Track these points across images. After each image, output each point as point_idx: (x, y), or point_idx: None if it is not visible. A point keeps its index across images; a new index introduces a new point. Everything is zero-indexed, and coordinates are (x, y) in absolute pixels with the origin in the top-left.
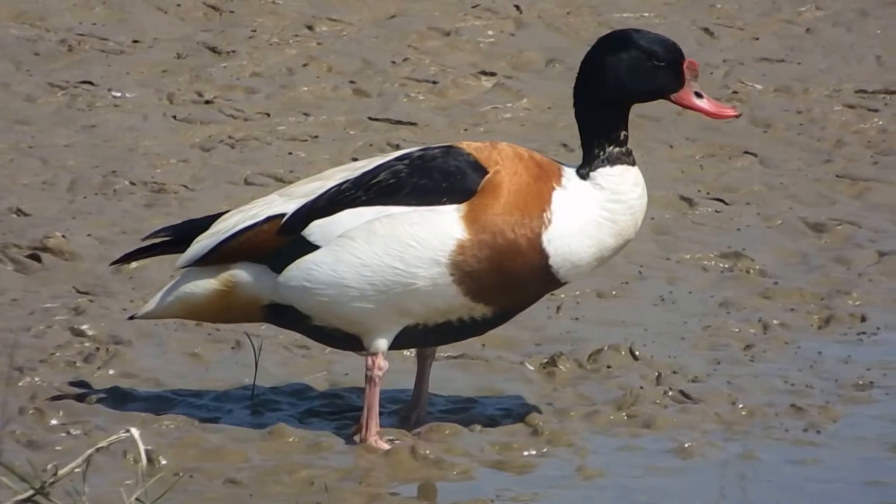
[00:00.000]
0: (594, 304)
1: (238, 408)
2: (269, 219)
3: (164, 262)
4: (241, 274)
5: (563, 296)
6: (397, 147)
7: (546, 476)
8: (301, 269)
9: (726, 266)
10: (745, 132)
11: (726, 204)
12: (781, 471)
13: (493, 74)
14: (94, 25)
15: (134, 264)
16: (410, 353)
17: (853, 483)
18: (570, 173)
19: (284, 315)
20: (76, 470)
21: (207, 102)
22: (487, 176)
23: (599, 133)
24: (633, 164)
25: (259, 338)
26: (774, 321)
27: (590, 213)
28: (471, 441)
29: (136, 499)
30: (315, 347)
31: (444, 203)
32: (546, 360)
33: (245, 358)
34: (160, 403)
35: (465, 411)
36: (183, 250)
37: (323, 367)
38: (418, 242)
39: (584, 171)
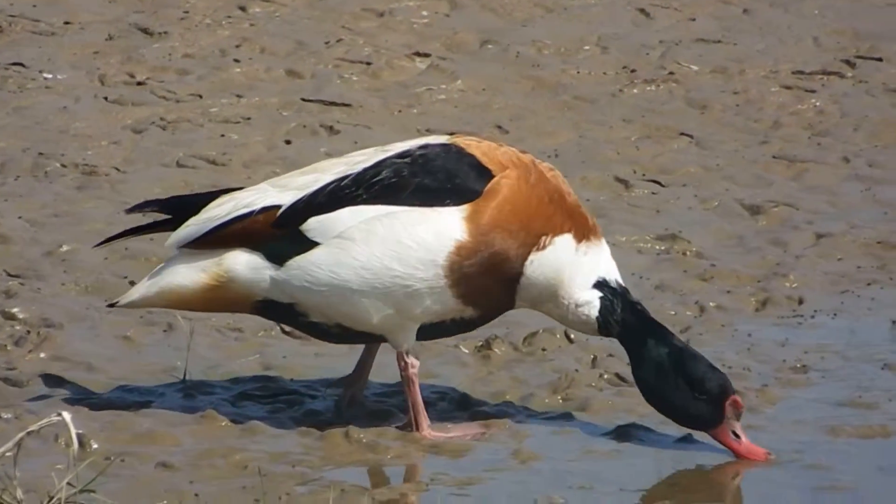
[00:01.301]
0: None
1: (170, 391)
2: (265, 209)
3: (100, 249)
4: (235, 268)
5: None
6: (331, 129)
7: (481, 459)
8: (301, 269)
9: (662, 248)
10: (681, 113)
11: (662, 186)
12: (717, 454)
13: (427, 56)
14: (25, 7)
15: (64, 247)
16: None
17: (790, 466)
18: (598, 249)
19: (279, 311)
20: (7, 454)
21: (139, 84)
22: (493, 179)
23: (625, 340)
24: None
25: (191, 321)
26: (711, 304)
27: (566, 289)
28: (406, 425)
29: (68, 483)
30: (248, 330)
31: (447, 205)
32: (481, 344)
33: (177, 341)
34: (92, 387)
35: (400, 395)
36: (170, 229)
37: (256, 350)
38: (417, 243)
39: (602, 286)
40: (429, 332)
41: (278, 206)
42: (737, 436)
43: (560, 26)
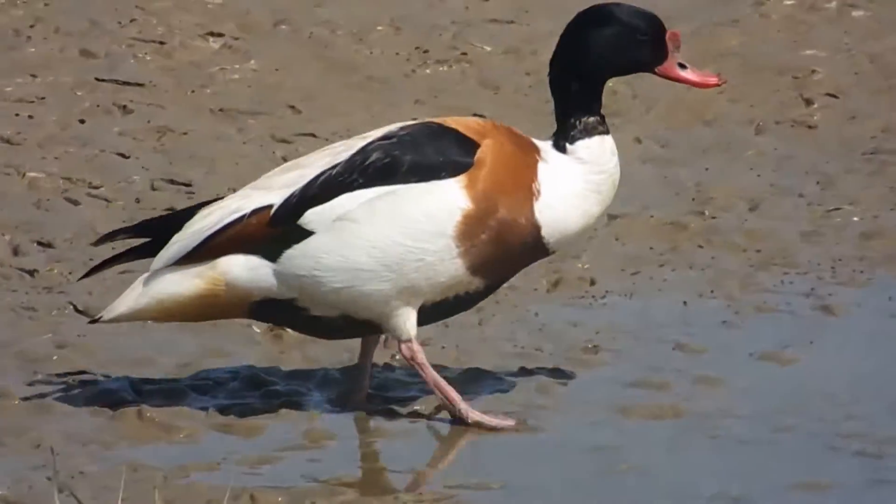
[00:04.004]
0: None
1: None
2: (256, 211)
3: None
4: (232, 270)
5: None
6: (124, 108)
7: (274, 439)
8: (308, 258)
9: None
10: (474, 94)
11: None
12: (510, 435)
13: (220, 35)
14: None
15: None
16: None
17: (581, 447)
18: (546, 147)
19: (278, 309)
20: None
21: None
22: (480, 148)
23: (577, 106)
24: (607, 132)
25: None
26: (503, 284)
27: (573, 185)
28: (198, 404)
29: None
30: (42, 309)
31: (444, 177)
32: None
33: None
34: None
35: (192, 374)
36: (152, 253)
37: (50, 329)
38: (425, 216)
39: (561, 144)
40: (431, 313)
41: (270, 206)
42: (683, 66)
43: (353, 7)
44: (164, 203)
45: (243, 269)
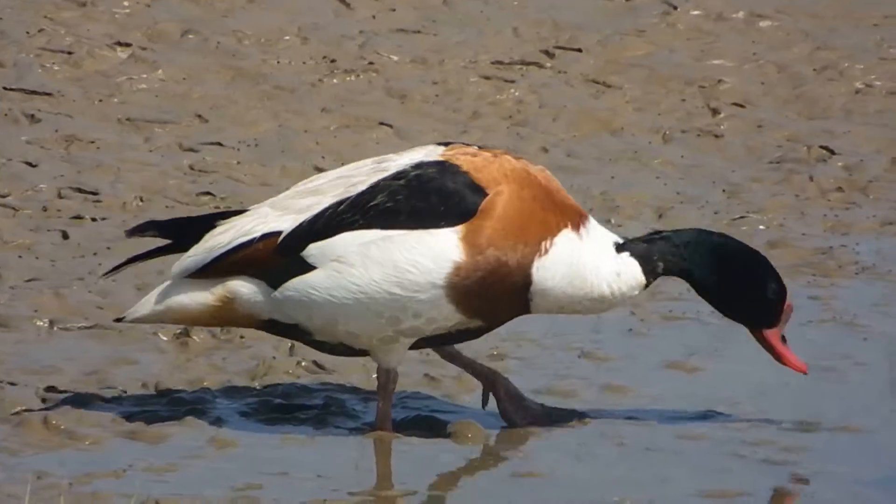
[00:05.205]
0: None
1: None
2: (265, 236)
3: None
4: (239, 290)
5: None
6: (32, 117)
7: (179, 446)
8: (299, 292)
9: None
10: (381, 103)
11: None
12: (417, 441)
13: (128, 45)
14: None
15: None
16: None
17: (487, 454)
18: (595, 226)
19: (285, 330)
20: None
21: None
22: (487, 197)
23: (666, 259)
24: (646, 286)
25: None
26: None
27: (590, 272)
28: (103, 412)
29: None
30: None
31: (442, 226)
32: (179, 331)
33: None
34: None
35: (98, 381)
36: (171, 253)
37: None
38: (415, 267)
39: (623, 244)
40: (433, 340)
41: (279, 233)
42: (784, 339)
43: (260, 16)
44: (72, 211)
45: (249, 291)
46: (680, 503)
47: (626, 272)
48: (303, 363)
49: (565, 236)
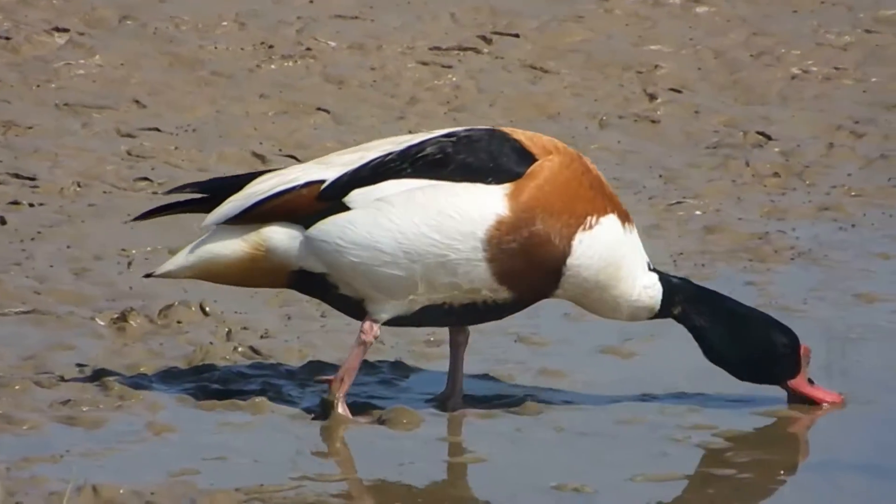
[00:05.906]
0: (163, 259)
1: None
2: (309, 183)
3: None
4: (273, 237)
5: (134, 251)
6: None
7: (117, 431)
8: (336, 226)
9: None
10: (318, 89)
11: (299, 161)
12: (352, 427)
13: (66, 31)
14: None
15: None
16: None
17: (424, 439)
18: (636, 234)
19: (312, 283)
20: None
21: None
22: (537, 162)
23: (685, 305)
24: (655, 316)
25: None
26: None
27: (626, 271)
28: (41, 397)
29: None
30: None
31: (490, 183)
32: (117, 316)
33: None
34: None
35: (35, 366)
36: (207, 209)
37: None
38: (459, 214)
39: (654, 269)
40: (457, 314)
41: (322, 181)
42: (811, 381)
43: (198, 2)
44: (9, 197)
45: (284, 237)
46: (617, 487)
47: (653, 292)
48: (240, 349)
49: (611, 220)
